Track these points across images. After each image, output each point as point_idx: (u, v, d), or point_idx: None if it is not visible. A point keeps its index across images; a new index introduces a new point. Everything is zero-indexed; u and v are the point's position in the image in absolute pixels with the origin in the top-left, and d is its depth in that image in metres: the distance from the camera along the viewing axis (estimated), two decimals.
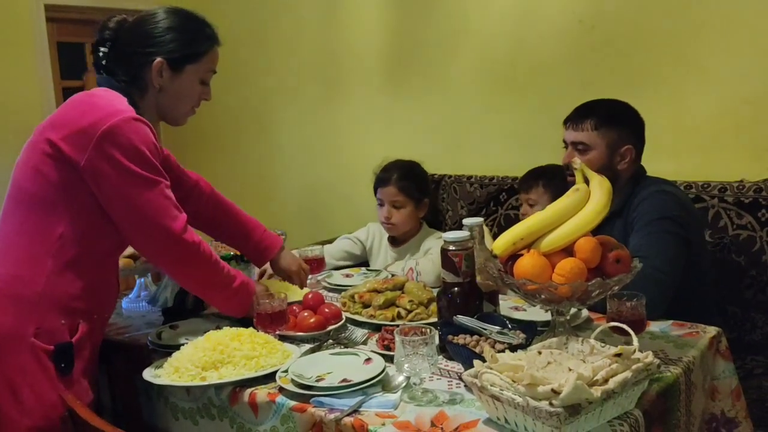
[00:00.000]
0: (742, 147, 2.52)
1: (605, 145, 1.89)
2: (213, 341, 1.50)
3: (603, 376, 1.15)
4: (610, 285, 1.39)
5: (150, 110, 1.59)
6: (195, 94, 1.62)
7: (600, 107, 1.95)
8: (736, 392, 1.58)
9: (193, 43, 1.58)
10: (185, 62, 1.57)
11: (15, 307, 1.43)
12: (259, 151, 4.08)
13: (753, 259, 2.28)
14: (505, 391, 1.14)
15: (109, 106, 1.47)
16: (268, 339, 1.56)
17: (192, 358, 1.46)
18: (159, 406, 1.57)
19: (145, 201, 1.46)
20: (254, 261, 1.98)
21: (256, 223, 1.94)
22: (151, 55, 1.54)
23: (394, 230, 2.32)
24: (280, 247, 1.93)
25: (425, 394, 1.31)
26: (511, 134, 3.08)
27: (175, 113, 1.63)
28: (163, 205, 1.48)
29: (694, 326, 1.62)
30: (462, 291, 1.53)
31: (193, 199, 1.83)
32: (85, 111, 1.46)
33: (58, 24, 4.13)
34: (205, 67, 1.61)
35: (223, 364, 1.46)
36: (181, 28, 1.57)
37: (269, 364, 1.47)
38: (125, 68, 1.56)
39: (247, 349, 1.49)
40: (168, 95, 1.58)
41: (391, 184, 2.30)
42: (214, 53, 1.63)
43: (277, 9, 3.83)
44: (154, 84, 1.56)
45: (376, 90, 3.56)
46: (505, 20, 3.03)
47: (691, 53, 2.58)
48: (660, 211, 1.80)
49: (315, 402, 1.31)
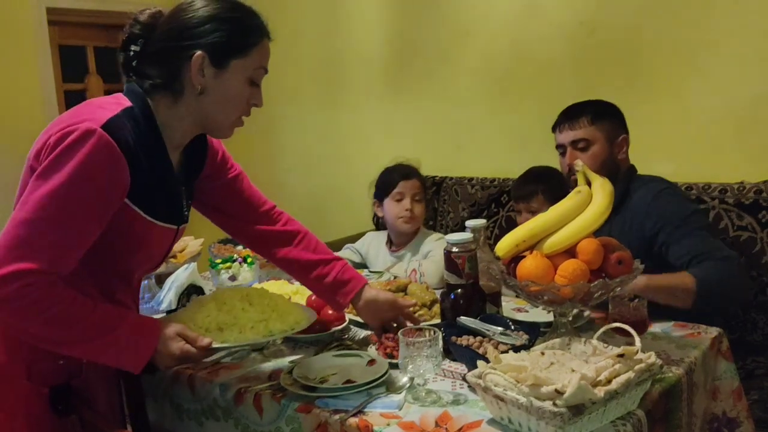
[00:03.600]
0: (742, 148, 2.53)
1: (605, 138, 1.94)
2: (220, 301, 1.41)
3: (606, 376, 1.16)
4: (612, 286, 1.39)
5: (185, 119, 1.35)
6: (243, 97, 1.35)
7: (588, 104, 2.00)
8: (738, 393, 1.59)
9: (238, 34, 1.31)
10: (230, 56, 1.31)
11: (7, 345, 1.27)
12: (262, 155, 4.09)
13: (754, 260, 2.29)
14: (509, 391, 1.15)
15: (90, 113, 1.24)
16: (279, 302, 1.47)
17: (195, 318, 1.37)
18: (164, 407, 1.58)
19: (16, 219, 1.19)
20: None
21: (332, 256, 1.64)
22: (189, 49, 1.28)
23: (414, 223, 2.33)
24: (363, 283, 1.61)
25: (429, 395, 1.32)
26: (512, 136, 3.10)
27: (219, 120, 1.36)
28: (19, 236, 1.17)
29: (696, 327, 1.63)
30: (465, 292, 1.54)
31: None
32: (64, 117, 1.26)
33: (60, 27, 4.14)
34: (254, 64, 1.34)
35: (228, 327, 1.36)
36: (225, 16, 1.31)
37: (278, 329, 1.39)
38: (159, 68, 1.31)
39: (257, 312, 1.39)
40: (211, 98, 1.32)
41: (414, 177, 2.35)
42: (265, 48, 1.36)
43: (279, 12, 3.82)
44: (194, 84, 1.30)
45: (378, 93, 3.58)
46: (505, 23, 3.05)
47: (692, 56, 2.60)
48: (685, 207, 1.87)
49: (320, 403, 1.32)
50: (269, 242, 1.63)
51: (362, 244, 2.51)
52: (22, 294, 1.15)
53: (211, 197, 1.59)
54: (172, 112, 1.34)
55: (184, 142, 1.42)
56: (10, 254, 1.15)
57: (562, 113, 2.01)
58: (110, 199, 1.24)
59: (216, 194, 1.59)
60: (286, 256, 1.63)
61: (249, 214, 1.62)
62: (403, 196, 2.32)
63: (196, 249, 2.14)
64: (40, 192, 1.18)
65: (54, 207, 1.18)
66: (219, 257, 2.12)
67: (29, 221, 1.17)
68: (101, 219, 1.24)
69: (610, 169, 1.93)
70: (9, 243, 1.16)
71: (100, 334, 1.23)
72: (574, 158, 1.95)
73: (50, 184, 1.17)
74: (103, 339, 1.23)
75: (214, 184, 1.57)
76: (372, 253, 2.44)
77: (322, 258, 1.62)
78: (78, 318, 1.21)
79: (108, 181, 1.22)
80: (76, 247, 1.22)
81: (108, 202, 1.24)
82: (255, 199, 1.63)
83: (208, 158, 1.53)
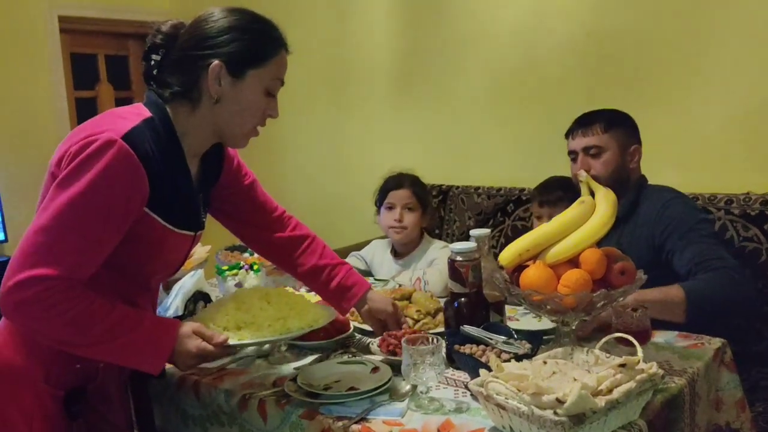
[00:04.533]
0: (748, 159, 2.53)
1: (617, 145, 1.95)
2: (238, 300, 1.44)
3: (607, 386, 1.16)
4: (614, 296, 1.40)
5: (202, 127, 1.37)
6: (259, 107, 1.37)
7: (602, 112, 2.02)
8: (741, 404, 1.59)
9: (256, 45, 1.35)
10: (247, 66, 1.33)
11: (27, 347, 1.31)
12: (268, 162, 4.10)
13: (759, 271, 2.28)
14: (511, 399, 1.16)
15: (109, 123, 1.27)
16: (298, 300, 1.49)
17: (214, 317, 1.40)
18: (170, 412, 1.60)
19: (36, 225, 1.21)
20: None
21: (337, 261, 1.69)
22: (207, 58, 1.31)
23: (404, 234, 2.33)
24: (366, 288, 1.67)
25: (432, 403, 1.33)
26: (519, 145, 3.11)
27: (235, 129, 1.38)
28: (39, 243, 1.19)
29: (699, 338, 1.64)
30: (469, 301, 1.55)
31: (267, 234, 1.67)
32: (86, 126, 1.29)
33: (71, 35, 4.19)
34: (270, 74, 1.37)
35: (247, 325, 1.38)
36: (243, 27, 1.34)
37: (296, 327, 1.40)
38: (178, 77, 1.34)
39: (274, 311, 1.41)
40: (227, 107, 1.34)
41: (404, 187, 2.35)
42: (282, 59, 1.39)
43: (285, 21, 3.85)
44: (211, 93, 1.33)
45: (385, 102, 3.59)
46: (512, 33, 3.06)
47: (698, 65, 2.61)
48: (693, 215, 1.88)
49: (323, 410, 1.33)
50: (280, 249, 1.68)
51: (367, 251, 2.52)
52: (40, 297, 1.18)
53: (226, 205, 1.62)
54: (190, 121, 1.37)
55: (203, 151, 1.45)
56: (29, 260, 1.18)
57: (576, 120, 2.02)
58: (129, 209, 1.26)
59: (231, 202, 1.62)
60: (294, 262, 1.67)
61: (262, 221, 1.66)
62: (393, 206, 2.33)
63: (204, 256, 2.16)
64: (59, 200, 1.20)
65: (73, 215, 1.20)
66: (225, 264, 2.14)
67: (48, 228, 1.20)
68: (120, 228, 1.26)
69: (620, 178, 1.94)
70: (29, 249, 1.19)
71: (119, 335, 1.24)
72: (586, 164, 1.96)
73: (70, 193, 1.20)
74: (122, 340, 1.25)
75: (230, 192, 1.60)
76: (377, 261, 2.46)
77: (327, 263, 1.66)
78: (96, 320, 1.23)
79: (127, 191, 1.24)
80: (94, 254, 1.24)
81: (126, 212, 1.26)
82: (268, 206, 1.67)
83: (224, 166, 1.56)
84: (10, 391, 1.31)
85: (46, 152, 1.37)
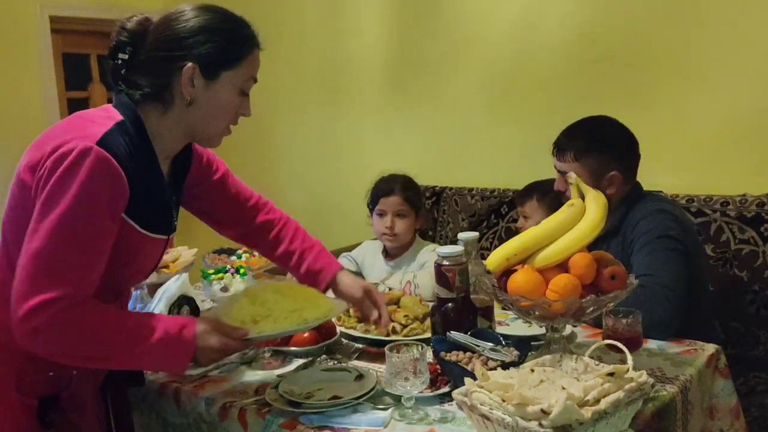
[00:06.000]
0: (744, 161, 2.50)
1: (587, 174, 1.84)
2: (252, 295, 1.44)
3: (594, 396, 1.12)
4: (605, 302, 1.37)
5: (174, 129, 1.34)
6: (232, 107, 1.35)
7: (580, 135, 1.91)
8: (736, 411, 1.56)
9: (229, 45, 1.31)
10: (221, 68, 1.31)
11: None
12: (260, 163, 4.08)
13: (756, 274, 2.26)
14: (495, 410, 1.12)
15: (82, 129, 1.24)
16: (311, 293, 1.50)
17: (230, 312, 1.39)
18: (150, 421, 1.56)
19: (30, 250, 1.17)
20: None
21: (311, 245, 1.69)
22: (180, 60, 1.28)
23: (396, 241, 2.30)
24: (334, 271, 1.65)
25: (416, 412, 1.29)
26: (512, 147, 3.07)
27: (208, 130, 1.36)
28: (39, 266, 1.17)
29: (693, 343, 1.60)
30: (456, 306, 1.52)
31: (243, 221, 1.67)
32: (57, 134, 1.24)
33: (63, 35, 4.15)
34: (244, 75, 1.34)
35: (263, 318, 1.38)
36: (216, 27, 1.31)
37: (313, 317, 1.41)
38: (149, 78, 1.30)
39: (289, 303, 1.41)
40: (200, 109, 1.32)
41: (395, 194, 2.30)
42: (255, 58, 1.37)
43: (279, 20, 3.84)
44: (184, 95, 1.30)
45: (378, 102, 3.56)
46: (506, 33, 3.03)
47: (693, 66, 2.57)
48: (660, 230, 1.78)
49: (304, 419, 1.30)
50: (254, 235, 1.68)
51: (358, 253, 2.49)
52: (55, 320, 1.16)
53: (201, 203, 1.61)
54: (162, 123, 1.33)
55: (174, 152, 1.41)
56: (35, 285, 1.16)
57: (558, 138, 1.95)
58: (116, 213, 1.25)
59: (205, 198, 1.61)
60: (269, 246, 1.68)
61: (237, 212, 1.65)
62: (384, 213, 2.30)
63: (189, 259, 2.12)
64: (49, 219, 1.17)
65: (66, 231, 1.18)
66: (212, 267, 2.10)
67: (45, 250, 1.17)
68: (111, 233, 1.25)
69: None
70: (31, 274, 1.17)
71: (138, 342, 1.23)
72: (562, 184, 1.92)
73: (58, 210, 1.17)
74: (142, 346, 1.23)
75: (201, 188, 1.58)
76: (368, 262, 2.42)
77: (296, 247, 1.67)
78: (113, 331, 1.22)
79: (112, 196, 1.22)
80: (95, 265, 1.22)
81: (114, 216, 1.24)
82: (241, 196, 1.66)
83: (193, 163, 1.52)
84: None
85: None
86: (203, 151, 1.57)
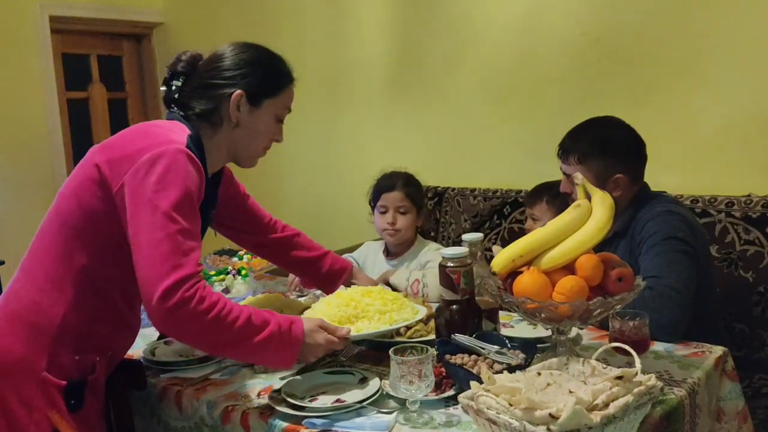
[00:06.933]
0: (749, 161, 2.48)
1: (592, 176, 1.82)
2: (345, 297, 1.55)
3: (603, 400, 1.11)
4: (612, 304, 1.35)
5: (221, 148, 1.53)
6: (270, 131, 1.57)
7: (584, 138, 1.89)
8: (743, 414, 1.54)
9: (272, 77, 1.54)
10: (264, 96, 1.52)
11: (30, 335, 1.36)
12: (261, 164, 4.02)
13: (761, 275, 2.24)
14: (502, 414, 1.10)
15: (165, 135, 1.40)
16: (396, 296, 1.61)
17: (327, 313, 1.50)
18: (151, 425, 1.55)
19: (154, 239, 1.29)
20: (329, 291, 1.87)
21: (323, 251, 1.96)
22: (230, 87, 1.49)
23: (397, 237, 2.29)
24: (348, 271, 1.95)
25: (421, 416, 1.28)
26: (516, 147, 3.06)
27: (249, 151, 1.58)
28: (168, 250, 1.29)
29: (700, 346, 1.58)
30: (461, 309, 1.50)
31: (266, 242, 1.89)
32: (138, 137, 1.41)
33: (63, 35, 4.15)
34: (282, 104, 1.57)
35: (358, 319, 1.49)
36: (262, 62, 1.53)
37: (402, 318, 1.52)
38: (201, 101, 1.50)
39: (379, 305, 1.52)
40: (244, 131, 1.52)
41: (397, 189, 2.30)
42: (291, 90, 1.59)
43: (280, 20, 3.83)
44: (231, 118, 1.49)
45: (381, 102, 3.55)
46: (509, 33, 3.02)
47: (697, 66, 2.56)
48: (667, 231, 1.76)
49: (307, 423, 1.28)
50: (275, 249, 1.91)
51: (360, 253, 2.47)
52: (186, 297, 1.26)
53: (225, 218, 1.80)
54: (211, 141, 1.51)
55: (215, 170, 1.58)
56: (163, 268, 1.27)
57: (563, 140, 1.93)
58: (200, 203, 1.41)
59: (230, 214, 1.81)
60: (289, 258, 1.91)
61: (258, 227, 1.87)
62: (386, 209, 2.29)
63: None
64: (162, 209, 1.30)
65: (179, 218, 1.31)
66: (213, 269, 2.09)
67: (164, 237, 1.29)
68: None
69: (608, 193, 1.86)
70: (157, 260, 1.28)
71: (254, 332, 1.33)
72: (567, 187, 1.90)
73: (169, 200, 1.31)
74: (258, 338, 1.33)
75: (229, 204, 1.77)
76: (369, 262, 2.41)
77: (315, 255, 1.94)
78: (234, 317, 1.31)
79: (199, 194, 1.39)
80: (200, 245, 1.37)
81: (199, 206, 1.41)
82: (260, 213, 1.88)
83: (224, 183, 1.70)
84: (10, 381, 1.34)
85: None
86: (229, 171, 1.77)
